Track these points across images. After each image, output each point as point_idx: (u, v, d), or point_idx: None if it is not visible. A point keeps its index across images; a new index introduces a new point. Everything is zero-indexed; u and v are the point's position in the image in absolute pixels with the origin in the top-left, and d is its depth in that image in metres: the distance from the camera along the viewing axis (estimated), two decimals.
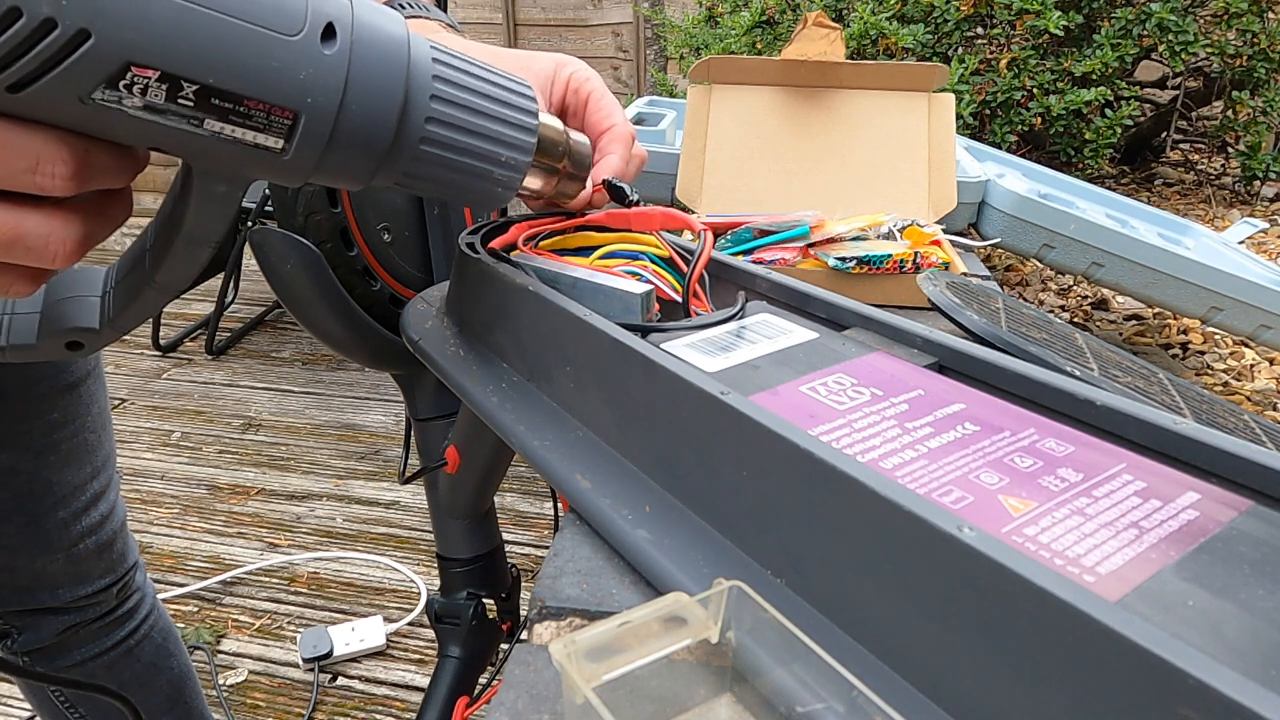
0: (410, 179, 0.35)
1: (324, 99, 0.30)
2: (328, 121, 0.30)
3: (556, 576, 0.35)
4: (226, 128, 0.29)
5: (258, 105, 0.28)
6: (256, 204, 2.25)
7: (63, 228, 0.30)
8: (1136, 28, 1.98)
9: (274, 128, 0.29)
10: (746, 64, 0.95)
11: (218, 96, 0.28)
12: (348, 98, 0.30)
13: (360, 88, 0.30)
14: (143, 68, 0.26)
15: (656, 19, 3.07)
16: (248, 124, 0.29)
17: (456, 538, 0.81)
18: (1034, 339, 0.55)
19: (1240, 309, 1.05)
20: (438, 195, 0.38)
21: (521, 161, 0.38)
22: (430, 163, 0.35)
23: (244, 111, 0.28)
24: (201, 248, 0.33)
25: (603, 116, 0.48)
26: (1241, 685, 0.18)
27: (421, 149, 0.34)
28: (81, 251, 0.31)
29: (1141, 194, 2.46)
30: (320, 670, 1.41)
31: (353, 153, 0.32)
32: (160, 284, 0.34)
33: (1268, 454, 0.29)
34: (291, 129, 0.29)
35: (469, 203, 0.39)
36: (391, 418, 2.21)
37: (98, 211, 0.31)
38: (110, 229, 0.32)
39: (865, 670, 0.25)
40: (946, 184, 0.91)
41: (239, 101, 0.28)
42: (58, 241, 0.29)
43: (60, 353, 0.37)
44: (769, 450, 0.30)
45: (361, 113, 0.31)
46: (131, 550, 0.84)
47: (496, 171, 0.37)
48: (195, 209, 0.32)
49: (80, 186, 0.29)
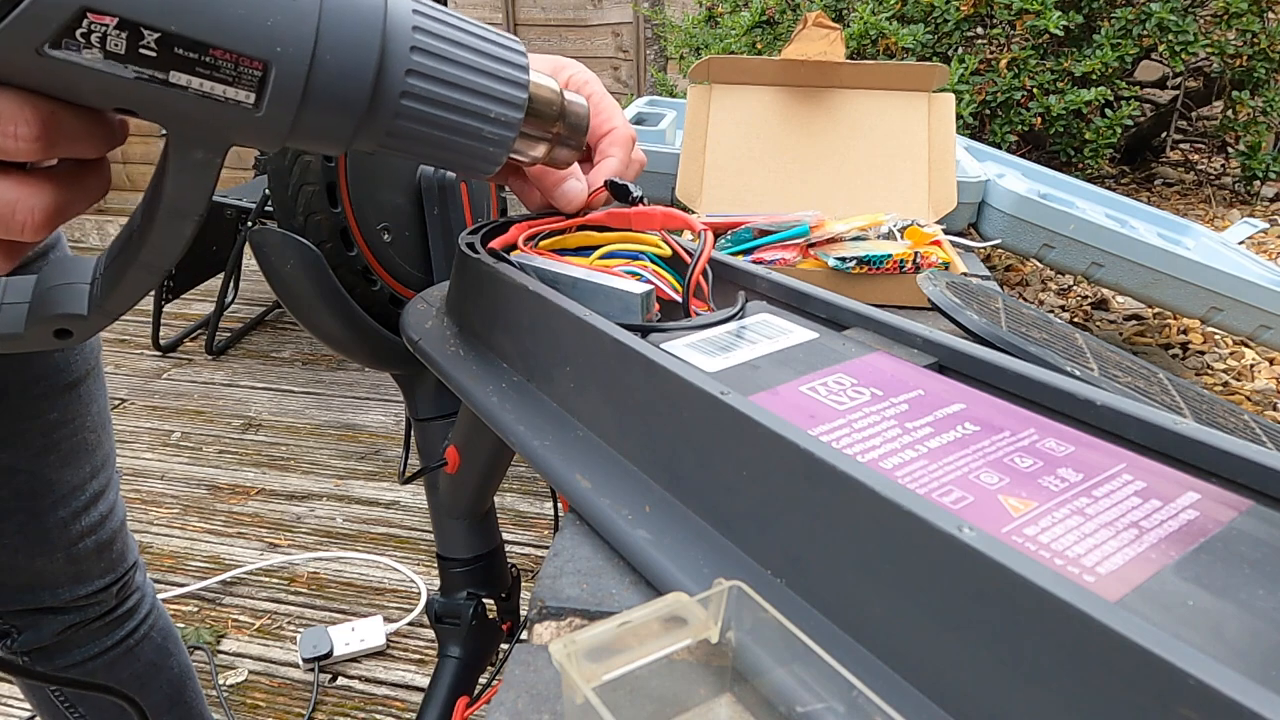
0: (393, 140, 0.33)
1: (294, 48, 0.28)
2: (300, 73, 0.29)
3: (556, 576, 0.35)
4: (194, 80, 0.28)
5: (224, 55, 0.27)
6: (256, 204, 2.25)
7: (30, 195, 0.28)
8: (1136, 28, 1.98)
9: (244, 80, 0.28)
10: (746, 64, 0.95)
11: (181, 45, 0.27)
12: (320, 47, 0.29)
13: (333, 36, 0.29)
14: (99, 14, 0.25)
15: (656, 19, 3.07)
16: (215, 76, 0.28)
17: (456, 538, 0.81)
18: (1034, 339, 0.55)
19: (1240, 309, 1.05)
20: (424, 159, 0.36)
21: (513, 119, 0.36)
22: (414, 119, 0.33)
23: (210, 62, 0.27)
24: (184, 220, 0.32)
25: (603, 119, 0.48)
26: (1242, 685, 0.18)
27: (403, 104, 0.32)
28: (53, 223, 0.29)
29: (1141, 194, 2.46)
30: (320, 670, 1.41)
31: (329, 109, 0.30)
32: (146, 262, 0.33)
33: (1268, 454, 0.29)
34: (262, 81, 0.28)
35: (458, 167, 0.37)
36: (391, 418, 2.21)
37: (70, 182, 0.30)
38: (85, 202, 0.31)
39: (865, 670, 0.25)
40: (946, 184, 0.91)
41: (204, 51, 0.27)
42: (25, 210, 0.28)
43: (49, 341, 0.36)
44: (769, 450, 0.30)
45: (336, 63, 0.30)
46: (131, 550, 0.84)
47: (486, 129, 0.36)
48: (174, 179, 0.31)
49: (47, 150, 0.28)
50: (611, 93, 0.50)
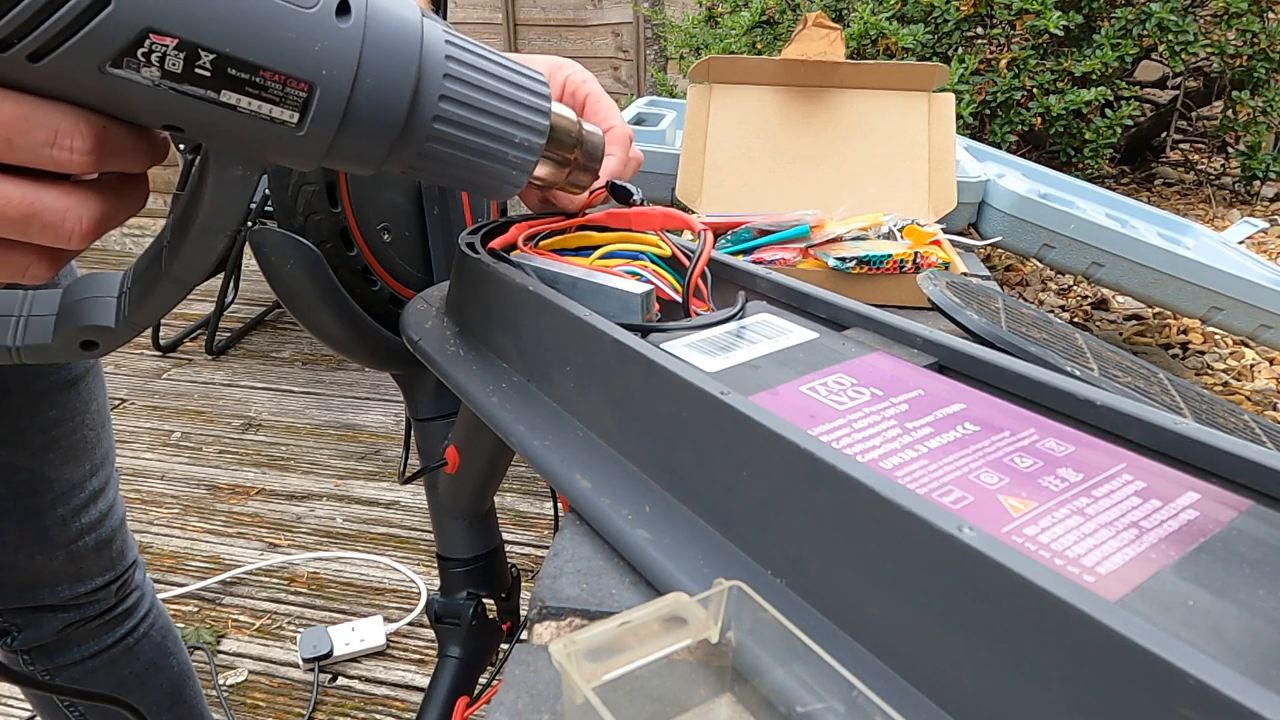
0: (423, 162, 0.35)
1: (338, 71, 0.30)
2: (342, 95, 0.30)
3: (556, 576, 0.35)
4: (243, 100, 0.29)
5: (273, 76, 0.29)
6: (257, 204, 2.25)
7: (79, 205, 0.30)
8: (1136, 28, 1.98)
9: (289, 100, 0.30)
10: (746, 64, 0.95)
11: (234, 66, 0.28)
12: (362, 71, 0.31)
13: (374, 62, 0.31)
14: (161, 35, 0.27)
15: (656, 19, 3.07)
16: (263, 96, 0.29)
17: (456, 538, 0.81)
18: (1034, 339, 0.55)
19: (1240, 309, 1.05)
20: (450, 182, 0.38)
21: (535, 145, 0.39)
22: (444, 143, 0.35)
23: (259, 83, 0.29)
24: (217, 236, 0.33)
25: (602, 118, 0.48)
26: (1242, 685, 0.18)
27: (435, 128, 0.34)
28: (98, 232, 0.31)
29: (1141, 194, 2.46)
30: (320, 670, 1.41)
31: (366, 131, 0.32)
32: (176, 276, 0.34)
33: (1268, 454, 0.29)
34: (306, 102, 0.30)
35: (481, 190, 0.39)
36: (391, 418, 2.21)
37: (114, 193, 0.31)
38: (126, 214, 0.32)
39: (865, 670, 0.25)
40: (946, 184, 0.91)
41: (255, 72, 0.29)
42: (74, 219, 0.29)
43: (75, 353, 0.37)
44: (769, 450, 0.30)
45: (376, 87, 0.31)
46: (131, 548, 0.84)
47: (510, 154, 0.38)
48: (212, 194, 0.32)
49: (98, 164, 0.29)
50: (611, 93, 0.50)
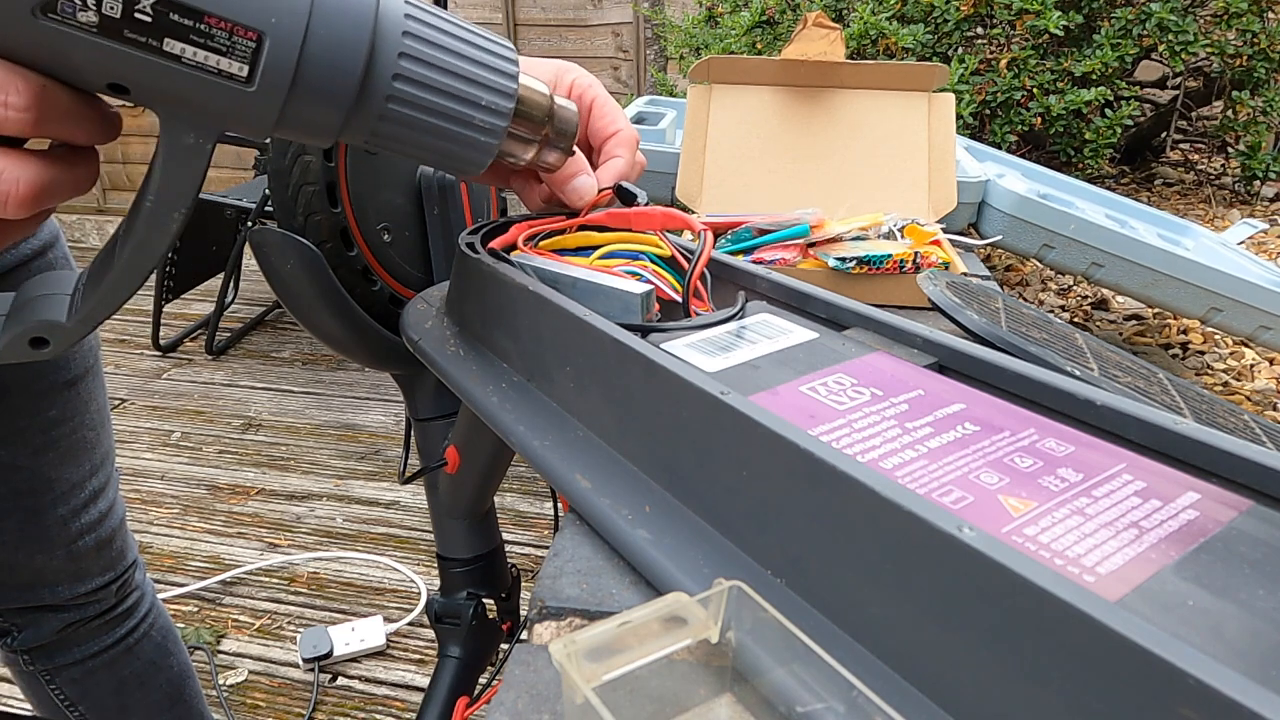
0: (384, 127, 0.34)
1: (289, 19, 0.29)
2: (293, 46, 0.29)
3: (556, 576, 0.35)
4: (188, 49, 0.28)
5: (219, 23, 0.28)
6: (256, 204, 2.25)
7: (15, 167, 0.28)
8: (1136, 28, 1.98)
9: (237, 51, 0.28)
10: (746, 64, 0.95)
11: (177, 11, 0.27)
12: (314, 21, 0.29)
13: (326, 13, 0.30)
14: None
15: (656, 19, 3.07)
16: (210, 45, 0.28)
17: (456, 538, 0.81)
18: (1034, 339, 0.55)
19: (1240, 309, 1.05)
20: (414, 153, 0.36)
21: (503, 109, 0.37)
22: (405, 104, 0.34)
23: (205, 30, 0.28)
24: (169, 214, 0.32)
25: (608, 122, 0.48)
26: (1242, 685, 0.18)
27: (395, 86, 0.33)
28: (38, 201, 0.29)
29: (1141, 194, 2.46)
30: (320, 670, 1.41)
31: (321, 90, 0.31)
32: (129, 262, 0.33)
33: (1268, 454, 0.29)
34: (255, 53, 0.29)
35: (448, 163, 0.38)
36: (391, 418, 2.21)
37: (58, 163, 0.29)
38: (71, 188, 0.30)
39: (865, 670, 0.25)
40: (946, 184, 0.91)
41: (199, 18, 0.27)
42: (10, 180, 0.28)
43: (25, 352, 0.35)
44: (769, 450, 0.30)
45: (329, 39, 0.30)
46: (131, 548, 0.84)
47: (477, 117, 0.36)
48: (162, 166, 0.31)
49: (37, 124, 0.27)
50: (611, 93, 0.51)
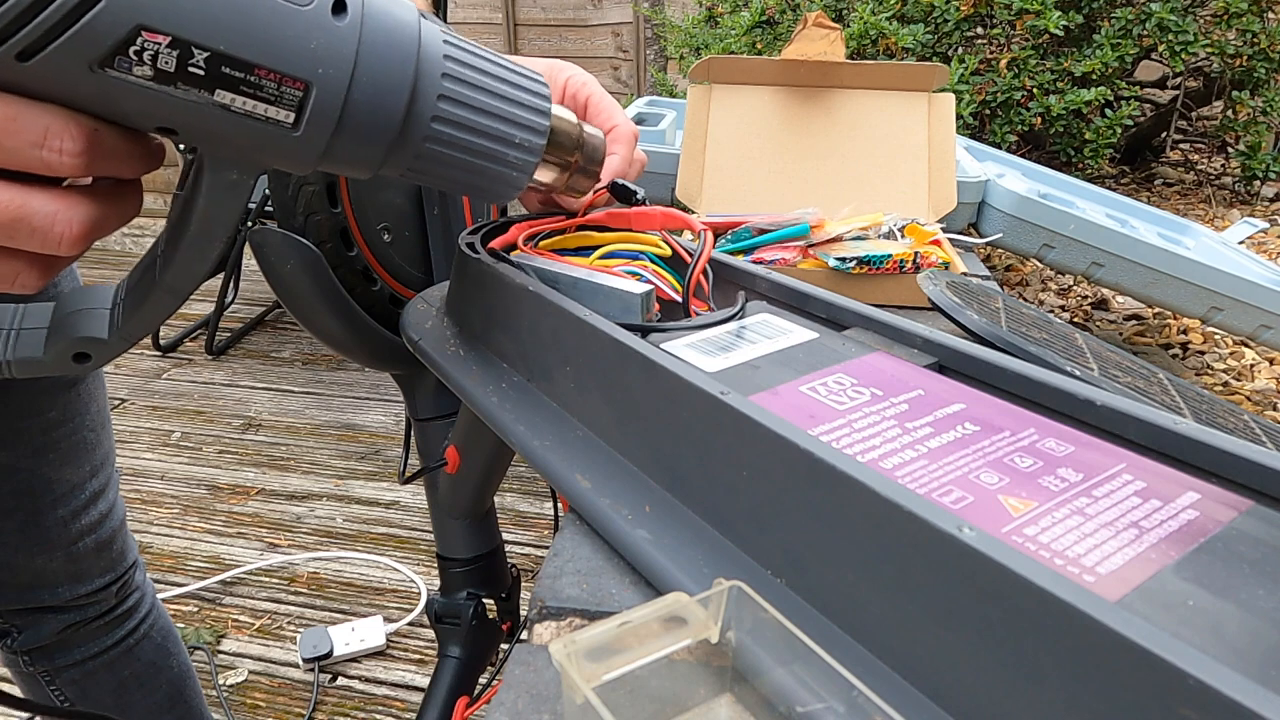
0: (420, 164, 0.35)
1: (335, 70, 0.29)
2: (339, 95, 0.30)
3: (556, 576, 0.35)
4: (237, 99, 0.28)
5: (269, 75, 0.28)
6: (256, 204, 2.25)
7: (69, 209, 0.29)
8: (1136, 28, 1.98)
9: (285, 100, 0.29)
10: (746, 64, 0.95)
11: (229, 65, 0.28)
12: (358, 71, 0.30)
13: (370, 62, 0.30)
14: (153, 33, 0.26)
15: (656, 19, 3.07)
16: (259, 95, 0.29)
17: (456, 538, 0.81)
18: (1034, 339, 0.55)
19: (1240, 309, 1.05)
20: (448, 185, 0.37)
21: (535, 145, 0.38)
22: (442, 144, 0.34)
23: (255, 81, 0.28)
24: (211, 243, 0.33)
25: (605, 118, 0.48)
26: (1242, 685, 0.18)
27: (433, 128, 0.34)
28: (89, 239, 0.30)
29: (1141, 194, 2.46)
30: (320, 670, 1.41)
31: (363, 132, 0.31)
32: (169, 285, 0.34)
33: (1268, 454, 0.29)
34: (302, 102, 0.29)
35: (481, 193, 0.39)
36: (391, 418, 2.21)
37: (107, 199, 0.30)
38: (119, 221, 0.31)
39: (865, 670, 0.25)
40: (946, 184, 0.91)
41: (250, 70, 0.28)
42: (64, 223, 0.29)
43: (68, 366, 0.36)
44: (769, 450, 0.30)
45: (373, 86, 0.31)
46: (131, 549, 0.84)
47: (510, 154, 0.37)
48: (206, 200, 0.32)
49: (89, 166, 0.28)
50: (611, 93, 0.50)
